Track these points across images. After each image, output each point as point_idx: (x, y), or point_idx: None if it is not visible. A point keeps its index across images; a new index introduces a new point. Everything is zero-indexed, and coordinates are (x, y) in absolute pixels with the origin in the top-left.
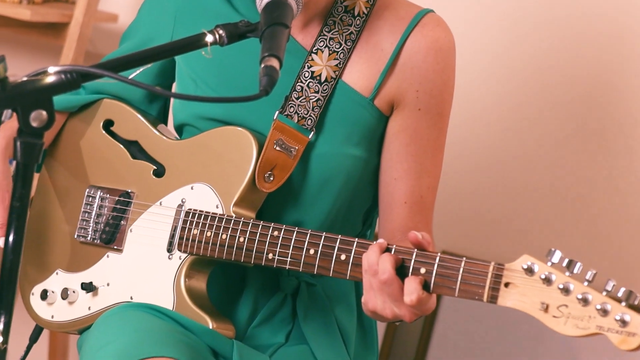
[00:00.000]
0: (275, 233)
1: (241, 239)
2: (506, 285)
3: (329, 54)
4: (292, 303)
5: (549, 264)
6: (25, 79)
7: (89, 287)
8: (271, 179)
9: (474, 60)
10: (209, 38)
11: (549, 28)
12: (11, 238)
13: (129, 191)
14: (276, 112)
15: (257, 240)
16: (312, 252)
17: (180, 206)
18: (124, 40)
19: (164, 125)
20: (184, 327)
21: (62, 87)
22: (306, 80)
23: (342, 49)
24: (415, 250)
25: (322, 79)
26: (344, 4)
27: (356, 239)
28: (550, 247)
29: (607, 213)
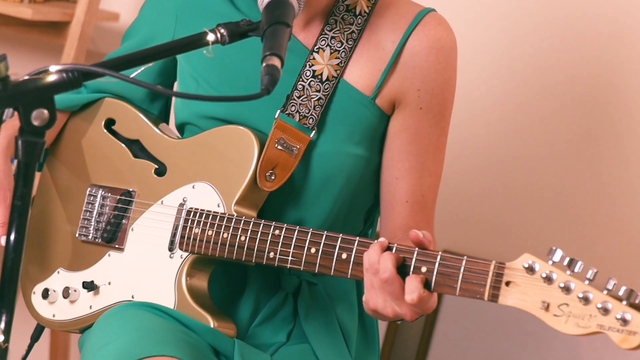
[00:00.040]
0: (277, 232)
1: (242, 238)
2: (507, 284)
3: (331, 53)
4: (294, 302)
5: (550, 262)
6: (26, 77)
7: (90, 286)
8: (272, 178)
9: (474, 60)
10: (211, 37)
11: (548, 28)
12: (12, 237)
13: (131, 190)
14: (277, 111)
15: (258, 239)
16: (313, 251)
17: (181, 205)
18: (125, 39)
19: (166, 124)
20: (185, 326)
21: (63, 85)
22: (307, 79)
23: (344, 48)
24: (417, 249)
25: (324, 78)
26: (345, 2)
27: (357, 237)
28: (551, 246)
29: (609, 212)
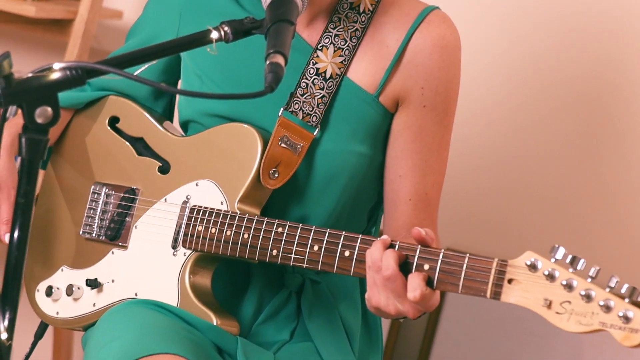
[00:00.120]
0: (280, 229)
1: (245, 236)
2: (509, 281)
3: (334, 51)
4: (297, 300)
5: (552, 260)
6: (30, 75)
7: (93, 284)
8: (276, 175)
9: (475, 59)
10: (214, 35)
11: (548, 27)
12: (16, 234)
13: (134, 188)
14: (281, 108)
15: (261, 236)
16: (316, 248)
17: (185, 203)
18: (129, 37)
19: (170, 122)
20: (189, 324)
21: (67, 83)
22: (311, 77)
23: (347, 46)
24: (419, 246)
25: (327, 76)
26: (349, 0)
27: (360, 235)
28: (553, 244)
29: (610, 211)
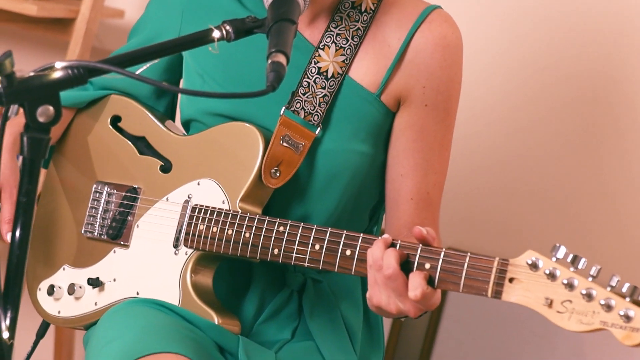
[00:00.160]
0: (281, 229)
1: (247, 235)
2: (510, 280)
3: (336, 50)
4: (299, 299)
5: (553, 259)
6: (32, 74)
7: (95, 283)
8: (277, 174)
9: (475, 60)
10: (216, 34)
11: (549, 26)
12: (18, 233)
13: (136, 187)
14: (283, 107)
15: (262, 235)
16: (317, 247)
17: (186, 202)
18: (131, 36)
19: (172, 122)
20: (190, 323)
21: (69, 82)
22: (313, 76)
23: (349, 45)
24: (420, 245)
25: (329, 75)
26: None
27: (361, 234)
28: (554, 243)
29: (611, 210)
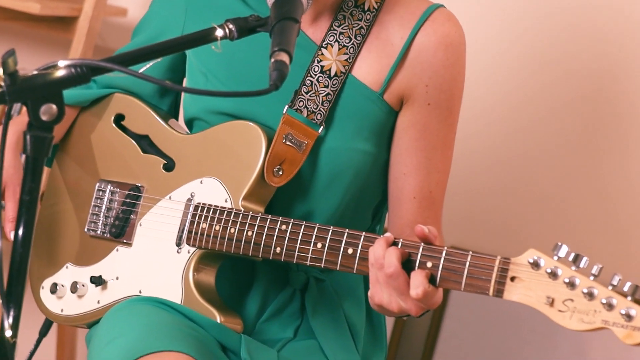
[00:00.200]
0: (283, 227)
1: (249, 233)
2: (512, 279)
3: (339, 49)
4: (301, 298)
5: (555, 258)
6: (35, 72)
7: (98, 281)
8: (280, 173)
9: (475, 59)
10: (219, 32)
11: (548, 27)
12: (21, 232)
13: (139, 185)
14: (285, 106)
15: (265, 234)
16: (319, 246)
17: (189, 200)
18: (135, 34)
19: (175, 120)
20: (192, 321)
21: (72, 81)
22: (316, 75)
23: (352, 44)
24: (422, 244)
25: (332, 74)
26: None
27: (363, 232)
28: (556, 242)
29: (613, 209)
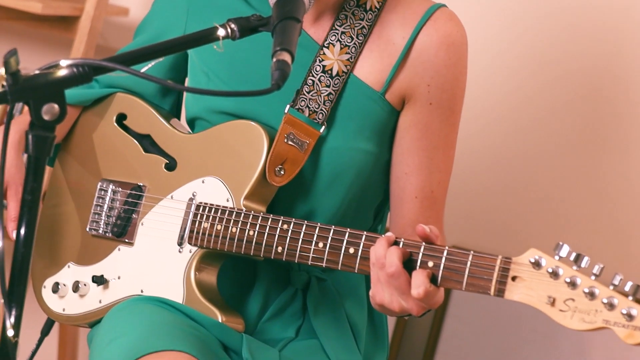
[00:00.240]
0: (285, 226)
1: (251, 233)
2: (513, 279)
3: (341, 48)
4: (303, 298)
5: (556, 257)
6: (37, 72)
7: (100, 280)
8: (282, 173)
9: (477, 58)
10: (221, 32)
11: (548, 27)
12: (22, 231)
13: (141, 185)
14: (287, 106)
15: (266, 233)
16: (320, 245)
17: (191, 200)
18: (137, 34)
19: (177, 120)
20: (194, 321)
21: (74, 80)
22: (317, 74)
23: (354, 43)
24: (423, 243)
25: (334, 73)
26: None
27: (365, 232)
28: (558, 242)
29: (615, 209)
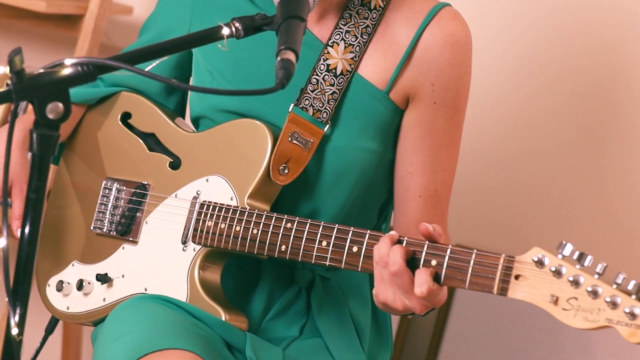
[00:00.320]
0: (289, 225)
1: (255, 231)
2: (516, 277)
3: (345, 47)
4: (307, 296)
5: (559, 256)
6: (41, 70)
7: (104, 279)
8: (286, 171)
9: (482, 54)
10: (226, 31)
11: (549, 24)
12: (27, 229)
13: (145, 183)
14: (291, 104)
15: (270, 232)
16: (324, 244)
17: (195, 198)
18: (142, 32)
19: (182, 119)
20: (198, 319)
21: (78, 79)
22: (322, 73)
23: (358, 42)
24: (427, 242)
25: (338, 72)
26: None
27: (368, 231)
28: (561, 240)
29: (618, 207)
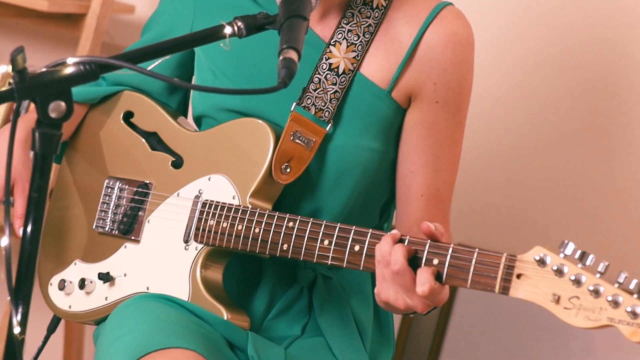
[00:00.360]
0: (290, 224)
1: (256, 230)
2: (518, 276)
3: (347, 46)
4: (309, 296)
5: (561, 255)
6: (44, 69)
7: (106, 278)
8: (288, 170)
9: (486, 46)
10: (228, 30)
11: (553, 18)
12: (29, 228)
13: (147, 182)
14: (293, 103)
15: (272, 231)
16: (326, 243)
17: (197, 197)
18: (145, 31)
19: (184, 118)
20: (199, 318)
21: (80, 78)
22: (324, 72)
23: (360, 41)
24: (429, 241)
25: (340, 71)
26: None
27: (370, 230)
28: (563, 239)
29: (621, 206)
